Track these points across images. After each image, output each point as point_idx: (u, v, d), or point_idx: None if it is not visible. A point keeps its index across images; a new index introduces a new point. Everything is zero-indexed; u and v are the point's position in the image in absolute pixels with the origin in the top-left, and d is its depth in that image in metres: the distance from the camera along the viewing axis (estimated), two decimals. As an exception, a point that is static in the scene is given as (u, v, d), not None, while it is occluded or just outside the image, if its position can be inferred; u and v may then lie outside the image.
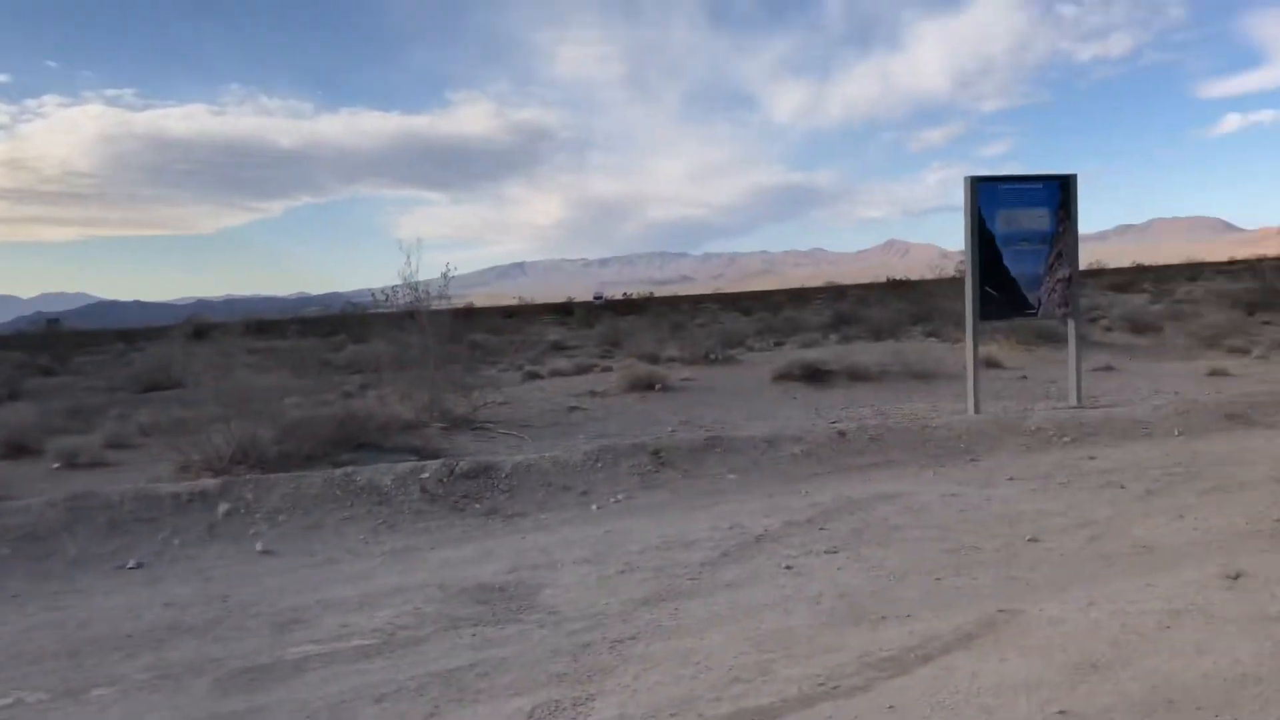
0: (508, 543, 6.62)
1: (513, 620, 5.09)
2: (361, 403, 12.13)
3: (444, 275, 13.09)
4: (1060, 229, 11.03)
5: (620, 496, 7.66)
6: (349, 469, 7.91)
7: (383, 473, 7.76)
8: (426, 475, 7.73)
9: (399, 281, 12.72)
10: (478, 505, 7.44)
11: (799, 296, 60.15)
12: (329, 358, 22.63)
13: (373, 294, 15.20)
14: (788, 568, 5.74)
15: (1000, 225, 10.87)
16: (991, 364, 16.11)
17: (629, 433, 10.18)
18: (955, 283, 17.69)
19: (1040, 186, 11.03)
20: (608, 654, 4.56)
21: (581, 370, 17.74)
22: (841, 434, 9.01)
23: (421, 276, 12.63)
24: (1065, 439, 9.02)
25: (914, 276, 43.42)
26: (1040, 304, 11.04)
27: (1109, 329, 22.29)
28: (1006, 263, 10.93)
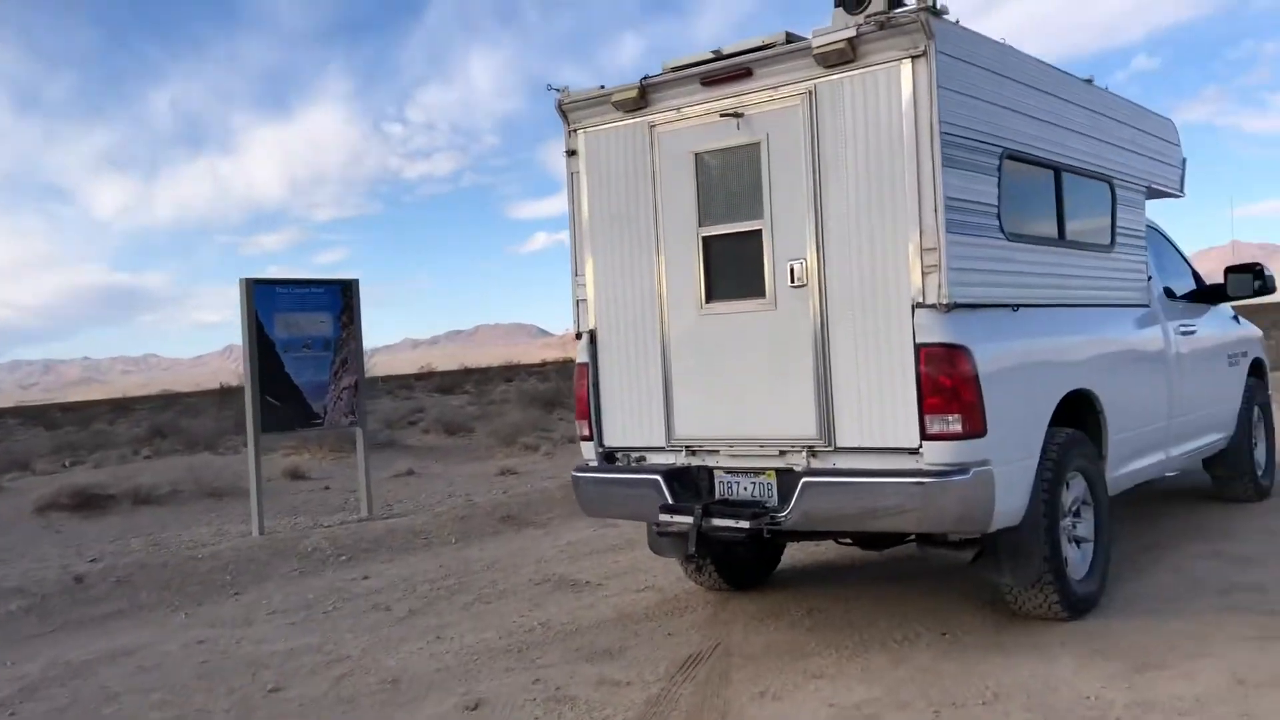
0: None
1: None
2: None
3: None
4: (344, 334, 10.65)
5: None
6: None
7: None
8: None
9: None
10: None
11: (122, 407, 55.09)
12: None
13: None
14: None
15: (280, 330, 10.20)
16: (297, 475, 15.35)
17: None
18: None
19: (322, 291, 10.59)
20: None
21: None
22: (79, 580, 7.56)
23: None
24: (342, 558, 8.45)
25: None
26: (326, 413, 10.51)
27: (426, 431, 22.75)
28: (289, 370, 10.26)
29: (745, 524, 5.09)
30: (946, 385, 4.82)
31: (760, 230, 5.32)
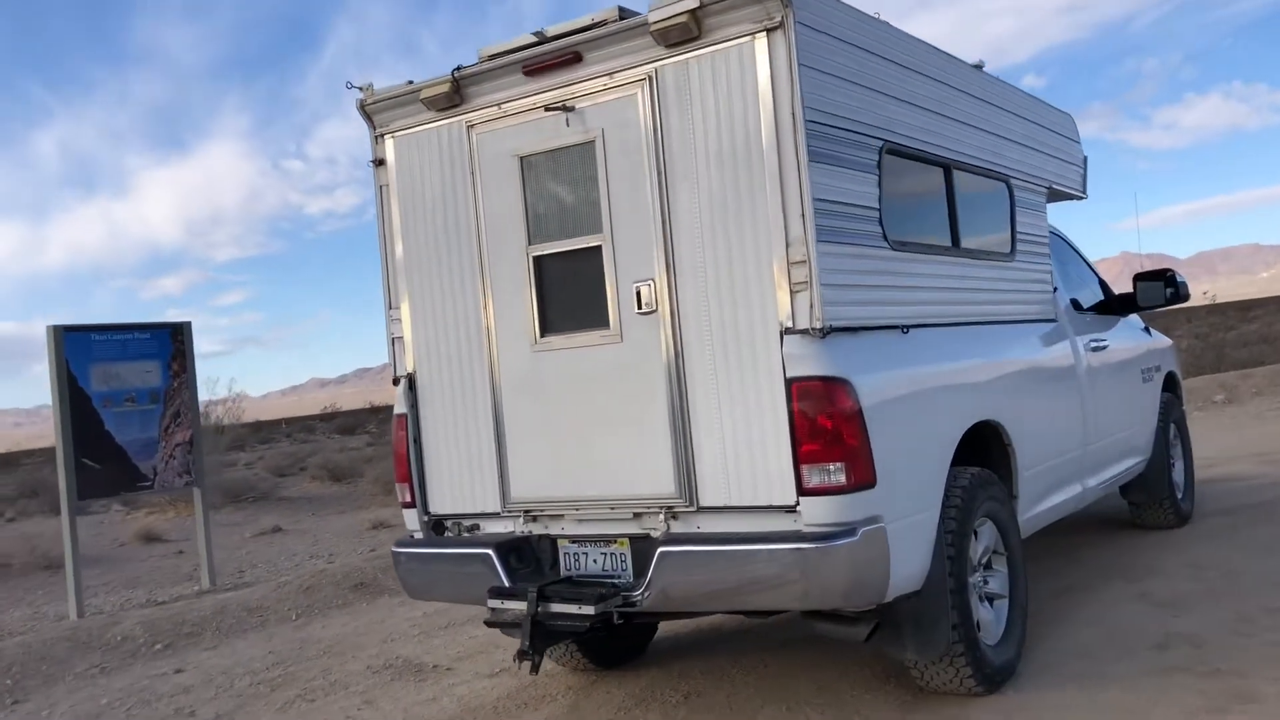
0: None
1: None
2: None
3: None
4: (175, 384, 9.46)
5: None
6: None
7: None
8: None
9: None
10: None
11: (9, 461, 52.18)
12: None
13: None
14: None
15: (98, 383, 8.98)
16: (151, 537, 14.01)
17: None
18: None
19: (148, 336, 9.39)
20: None
21: None
22: None
23: None
24: (157, 647, 7.27)
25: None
26: (156, 474, 9.30)
27: (313, 478, 21.41)
28: (109, 427, 9.04)
29: (590, 609, 4.12)
30: (825, 427, 3.93)
31: (600, 247, 4.40)
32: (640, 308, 4.30)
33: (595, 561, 4.48)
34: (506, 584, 4.46)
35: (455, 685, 5.72)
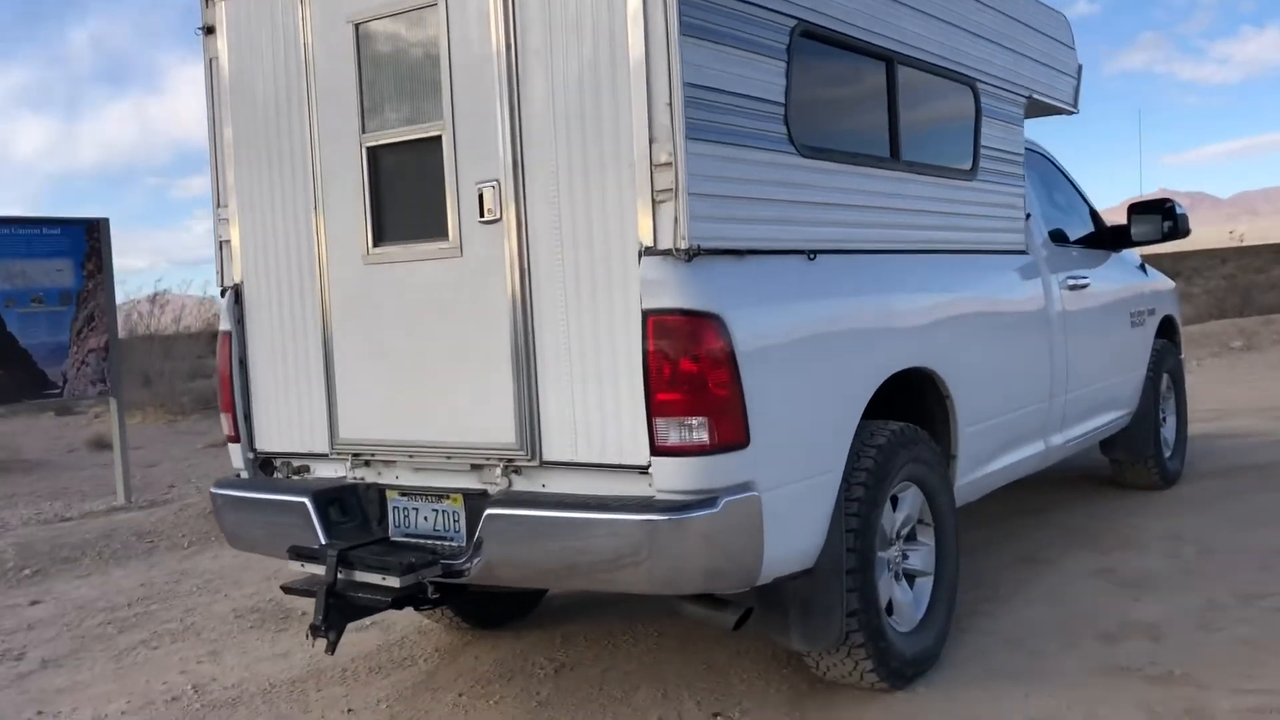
0: None
1: None
2: None
3: None
4: (89, 285, 8.75)
5: None
6: None
7: None
8: None
9: None
10: None
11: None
12: None
13: None
14: None
15: (1, 281, 8.29)
16: (104, 444, 13.45)
17: None
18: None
19: (58, 232, 8.66)
20: None
21: None
22: None
23: None
24: (26, 571, 6.66)
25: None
26: (66, 380, 8.64)
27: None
28: (12, 329, 8.37)
29: (394, 581, 3.39)
30: (686, 373, 3.16)
31: (439, 137, 3.59)
32: (483, 215, 3.51)
33: (426, 519, 3.75)
34: (322, 540, 3.75)
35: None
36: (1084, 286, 5.80)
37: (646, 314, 3.17)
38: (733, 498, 3.19)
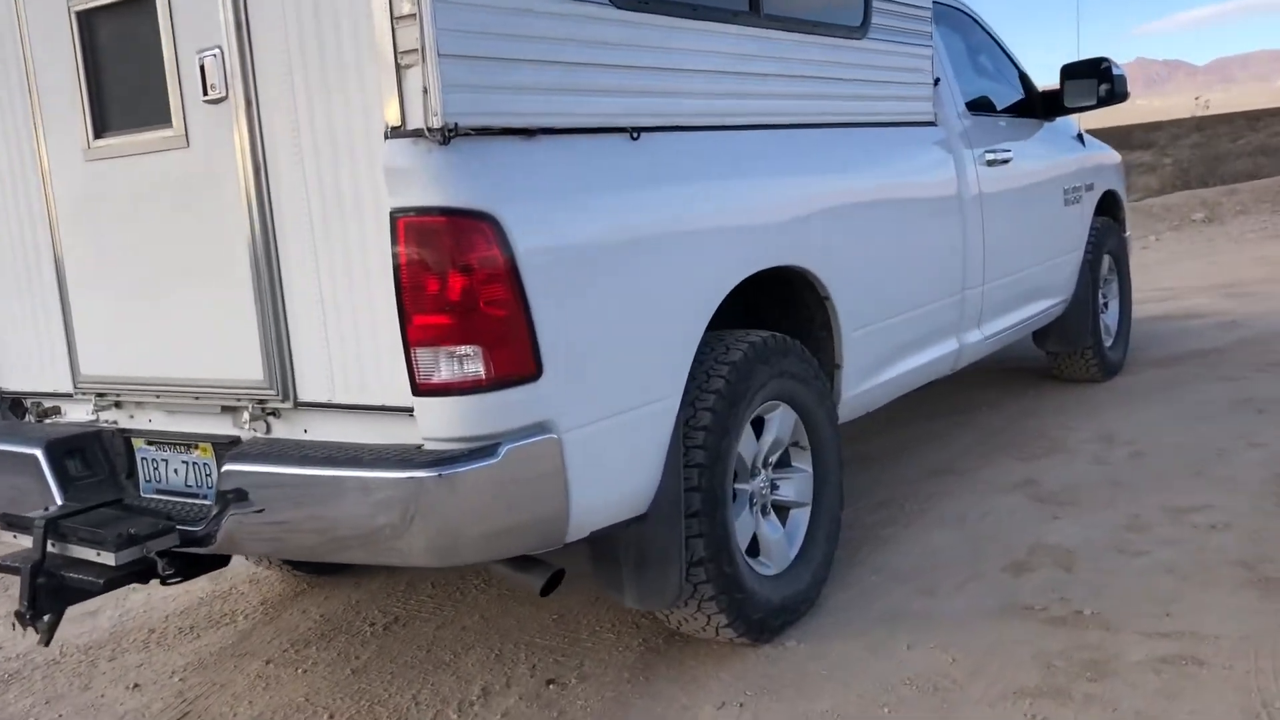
0: None
1: None
2: None
3: None
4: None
5: None
6: None
7: None
8: None
9: None
10: None
11: None
12: None
13: None
14: None
15: None
16: None
17: None
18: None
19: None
20: None
21: None
22: None
23: None
24: None
25: None
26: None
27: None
28: None
29: (110, 557, 2.74)
30: (450, 291, 2.48)
31: (153, -2, 2.83)
32: (206, 93, 2.77)
33: (177, 473, 3.10)
34: (58, 500, 3.10)
35: (131, 592, 4.45)
36: (1006, 162, 5.11)
37: (395, 214, 2.47)
38: (519, 443, 2.55)
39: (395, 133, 2.46)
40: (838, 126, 3.91)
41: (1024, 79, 5.86)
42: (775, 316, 3.68)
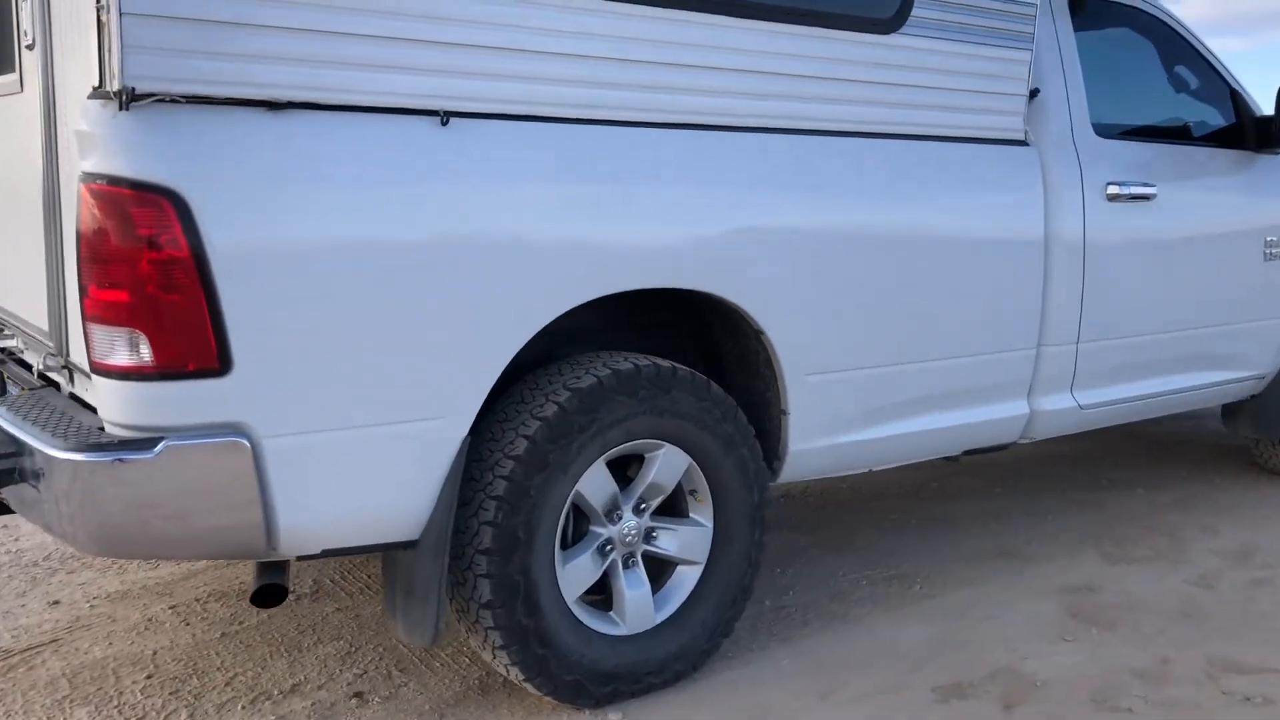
0: None
1: None
2: None
3: None
4: None
5: None
6: None
7: None
8: None
9: None
10: None
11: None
12: None
13: None
14: None
15: None
16: None
17: None
18: None
19: None
20: None
21: None
22: None
23: None
24: None
25: None
26: None
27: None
28: None
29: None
30: (121, 267, 2.31)
31: (4, -65, 2.85)
32: (23, 39, 2.76)
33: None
34: None
35: (62, 588, 4.36)
36: (1144, 199, 4.15)
37: (82, 179, 2.33)
38: (185, 442, 2.34)
39: (95, 93, 2.31)
40: (823, 135, 3.29)
41: (1237, 99, 4.73)
42: (726, 346, 3.22)
